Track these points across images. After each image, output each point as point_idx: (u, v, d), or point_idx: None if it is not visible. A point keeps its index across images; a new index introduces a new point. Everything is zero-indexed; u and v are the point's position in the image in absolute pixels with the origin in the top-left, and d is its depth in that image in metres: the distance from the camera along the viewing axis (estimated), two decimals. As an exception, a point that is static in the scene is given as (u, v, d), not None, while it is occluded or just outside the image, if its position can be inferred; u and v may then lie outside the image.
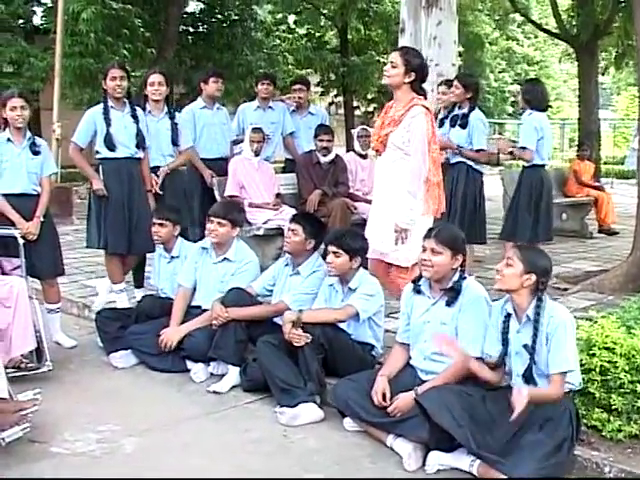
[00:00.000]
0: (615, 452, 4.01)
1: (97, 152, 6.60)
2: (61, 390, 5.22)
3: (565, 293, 7.20)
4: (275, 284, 5.63)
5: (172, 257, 6.19)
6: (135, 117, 6.62)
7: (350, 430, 4.57)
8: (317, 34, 24.44)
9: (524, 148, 7.17)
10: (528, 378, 4.07)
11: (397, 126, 5.25)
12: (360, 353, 5.01)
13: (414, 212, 5.23)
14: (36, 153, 5.86)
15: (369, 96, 23.86)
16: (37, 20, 18.37)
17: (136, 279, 7.18)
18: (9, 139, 5.80)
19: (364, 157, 8.45)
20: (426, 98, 5.43)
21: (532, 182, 7.27)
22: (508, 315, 4.16)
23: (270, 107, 8.58)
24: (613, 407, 4.11)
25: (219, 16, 20.78)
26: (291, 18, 24.53)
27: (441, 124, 7.48)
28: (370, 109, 25.04)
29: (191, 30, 20.64)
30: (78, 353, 6.03)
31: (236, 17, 20.75)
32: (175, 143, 7.11)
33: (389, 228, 5.27)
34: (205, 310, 5.63)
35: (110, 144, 6.49)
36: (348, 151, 10.99)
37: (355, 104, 24.46)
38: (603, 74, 22.46)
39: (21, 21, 17.63)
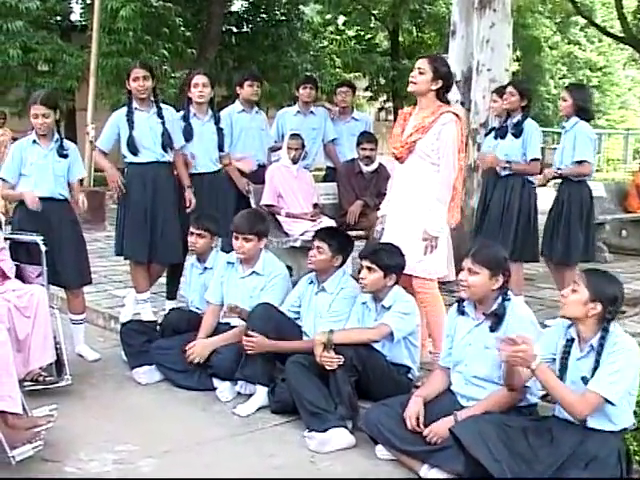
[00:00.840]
0: (671, 494, 3.89)
1: (124, 156, 6.62)
2: (80, 406, 5.22)
3: (622, 316, 7.02)
4: (301, 304, 5.58)
5: (205, 268, 6.15)
6: (161, 117, 6.61)
7: (382, 458, 4.49)
8: (367, 36, 24.49)
9: (581, 162, 7.00)
10: None
11: (426, 133, 5.33)
12: (395, 375, 4.94)
13: (443, 219, 5.33)
14: (63, 156, 5.89)
15: (420, 101, 23.80)
16: (75, 17, 18.60)
17: (169, 290, 7.12)
18: (35, 141, 5.84)
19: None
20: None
21: (582, 198, 7.10)
22: (571, 340, 4.01)
23: (311, 112, 8.54)
24: (669, 445, 3.99)
25: (264, 15, 20.88)
26: (341, 19, 24.56)
27: (496, 135, 7.33)
28: (421, 115, 24.98)
29: (234, 30, 20.76)
30: (101, 367, 6.02)
31: (282, 17, 20.84)
32: (221, 148, 7.13)
33: (415, 237, 5.28)
34: (234, 327, 5.61)
35: (133, 148, 6.50)
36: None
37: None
38: (671, 82, 22.15)
39: (58, 18, 17.83)
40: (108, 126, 6.65)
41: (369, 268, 4.96)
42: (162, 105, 6.73)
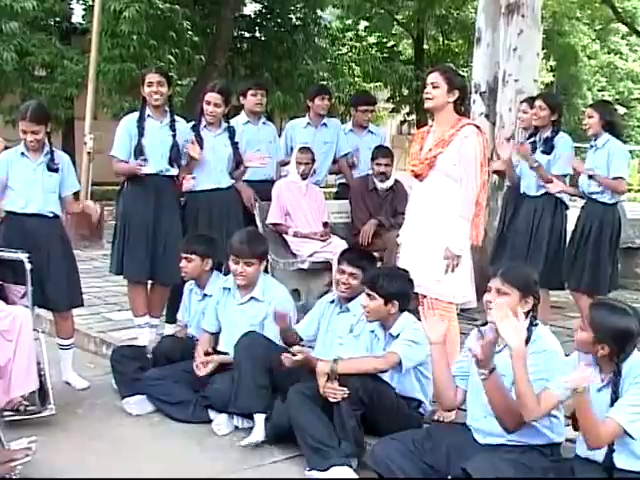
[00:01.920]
0: None
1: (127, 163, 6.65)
2: (64, 438, 5.20)
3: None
4: (319, 328, 5.57)
5: (204, 295, 6.13)
6: (174, 129, 6.66)
7: (390, 499, 4.45)
8: (389, 43, 24.45)
9: (617, 178, 6.93)
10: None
11: (447, 147, 5.39)
12: (405, 410, 4.91)
13: (466, 237, 5.37)
14: (54, 170, 5.89)
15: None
16: (76, 19, 18.58)
17: (169, 314, 7.08)
18: (23, 153, 5.85)
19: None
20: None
21: (614, 224, 7.07)
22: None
23: (324, 124, 8.52)
24: None
25: (278, 20, 20.78)
26: (361, 25, 24.54)
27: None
28: (447, 129, 24.98)
29: (246, 35, 20.68)
30: (89, 396, 6.01)
31: (298, 22, 20.79)
32: (237, 164, 7.17)
33: (435, 256, 5.30)
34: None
35: (140, 156, 6.53)
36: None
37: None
38: None
39: (57, 19, 17.78)
40: (121, 132, 6.66)
41: (369, 295, 4.96)
42: (176, 117, 6.78)
